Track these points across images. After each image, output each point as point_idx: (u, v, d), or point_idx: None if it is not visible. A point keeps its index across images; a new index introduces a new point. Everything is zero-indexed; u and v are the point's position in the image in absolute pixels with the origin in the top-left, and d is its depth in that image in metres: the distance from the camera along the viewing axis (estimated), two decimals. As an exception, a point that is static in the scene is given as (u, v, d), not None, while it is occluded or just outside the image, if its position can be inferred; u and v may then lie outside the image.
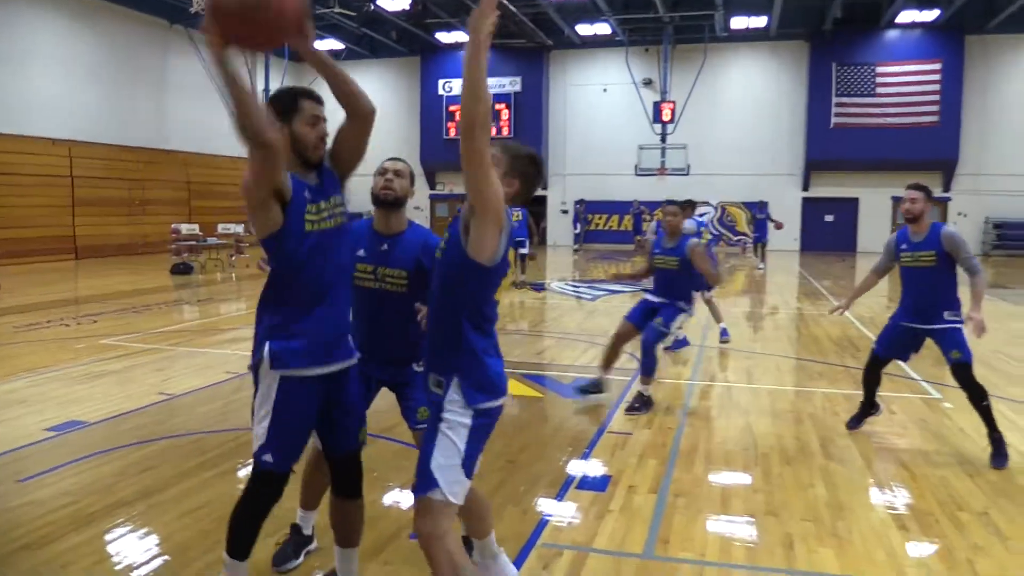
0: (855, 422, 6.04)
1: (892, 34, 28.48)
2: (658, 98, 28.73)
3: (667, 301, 6.81)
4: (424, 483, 2.71)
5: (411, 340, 3.52)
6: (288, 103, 2.92)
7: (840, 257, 27.45)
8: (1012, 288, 18.00)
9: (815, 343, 10.16)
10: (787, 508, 4.47)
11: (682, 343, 9.44)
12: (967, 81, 28.26)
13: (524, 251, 16.29)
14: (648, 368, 6.66)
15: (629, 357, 8.49)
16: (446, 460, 2.71)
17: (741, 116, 30.27)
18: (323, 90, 3.07)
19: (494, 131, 31.68)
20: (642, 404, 6.55)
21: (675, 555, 3.88)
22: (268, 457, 2.93)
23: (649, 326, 6.74)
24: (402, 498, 4.54)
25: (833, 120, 28.89)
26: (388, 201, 3.49)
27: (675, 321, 6.76)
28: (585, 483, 4.88)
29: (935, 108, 28.08)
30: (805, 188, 30.19)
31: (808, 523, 4.25)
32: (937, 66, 28.05)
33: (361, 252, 3.51)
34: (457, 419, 2.73)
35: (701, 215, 11.08)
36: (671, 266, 6.81)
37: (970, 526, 4.25)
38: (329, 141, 3.07)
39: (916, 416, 6.56)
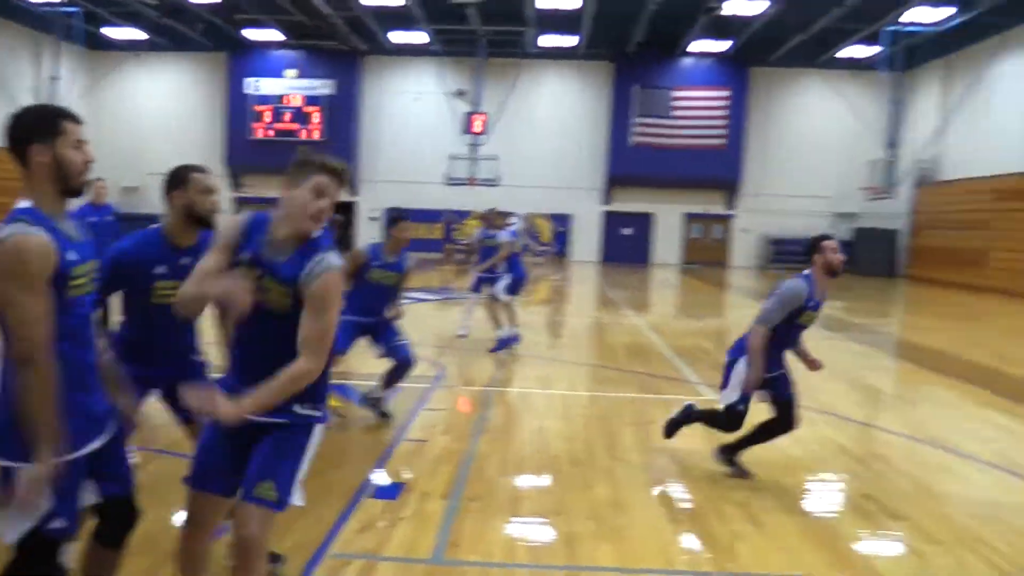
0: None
1: (688, 61, 30.61)
2: (470, 109, 29.24)
3: (380, 319, 6.35)
4: (288, 494, 2.76)
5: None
6: (49, 125, 2.48)
7: (634, 269, 29.05)
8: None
9: (609, 350, 10.71)
10: (572, 508, 4.68)
11: (512, 340, 9.71)
12: (751, 109, 30.90)
13: None
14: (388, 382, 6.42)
15: (431, 364, 8.57)
16: (302, 474, 2.83)
17: (550, 131, 31.39)
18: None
19: (305, 134, 31.05)
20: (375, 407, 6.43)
21: (464, 558, 3.96)
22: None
23: (402, 346, 6.36)
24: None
25: (633, 139, 30.61)
26: (212, 222, 3.44)
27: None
28: (379, 491, 4.88)
29: (723, 132, 30.48)
30: (606, 202, 31.74)
31: (591, 521, 4.47)
32: (726, 93, 30.46)
33: (162, 269, 3.44)
34: (317, 434, 2.87)
35: (511, 225, 11.44)
36: (389, 282, 6.35)
37: (732, 515, 4.64)
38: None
39: (693, 417, 7.06)
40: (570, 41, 28.73)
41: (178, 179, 3.46)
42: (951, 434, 6.82)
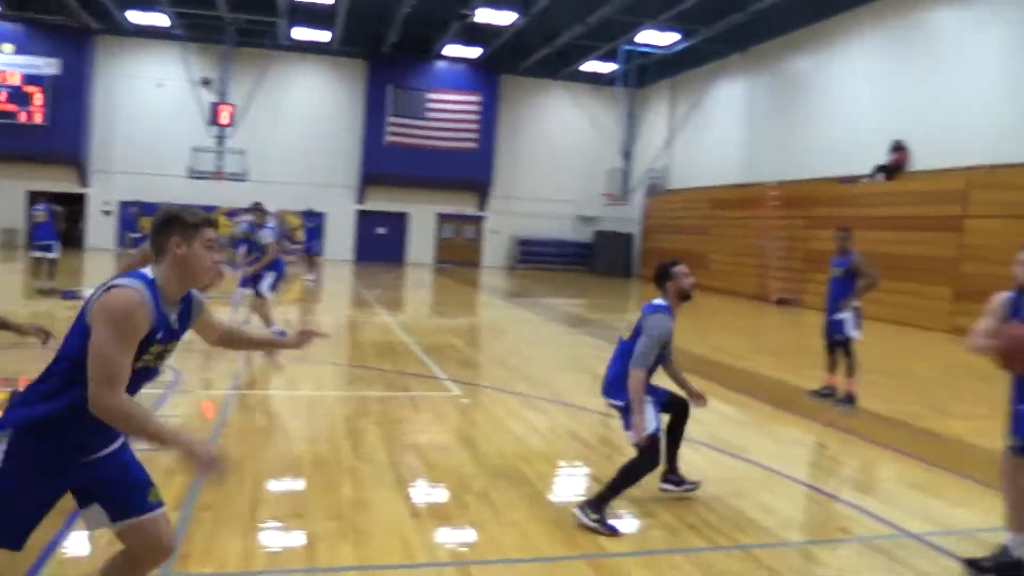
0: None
1: (441, 65, 31.12)
2: (217, 99, 27.74)
3: None
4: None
5: None
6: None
7: (389, 268, 29.11)
8: (531, 297, 20.72)
9: (359, 349, 10.64)
10: (314, 510, 4.60)
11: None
12: (501, 114, 32.05)
13: (52, 255, 14.69)
14: None
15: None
16: None
17: (302, 126, 30.57)
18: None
19: (25, 116, 27.64)
20: None
21: (194, 570, 3.76)
22: None
23: None
24: None
25: (387, 138, 30.62)
26: None
27: None
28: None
29: (475, 136, 31.33)
30: (360, 201, 31.49)
31: (332, 522, 4.41)
32: (477, 98, 31.35)
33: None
34: None
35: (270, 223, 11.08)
36: None
37: (472, 505, 4.79)
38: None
39: (439, 412, 7.21)
40: (323, 36, 28.16)
41: None
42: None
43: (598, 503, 4.52)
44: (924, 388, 10.32)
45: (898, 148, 19.16)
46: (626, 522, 4.71)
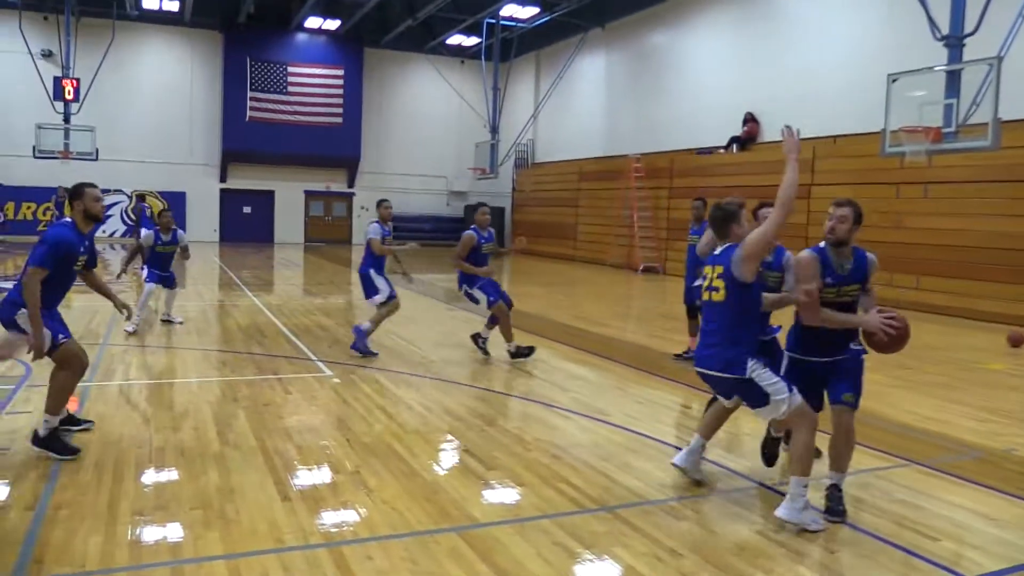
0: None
1: (302, 37, 30.20)
2: (60, 73, 25.89)
3: None
4: None
5: None
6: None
7: (257, 248, 28.24)
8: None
9: (226, 333, 10.32)
10: (178, 500, 4.46)
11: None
12: (366, 88, 31.46)
13: None
14: None
15: (15, 363, 7.58)
16: None
17: (155, 102, 29.05)
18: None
19: None
20: None
21: (49, 573, 3.59)
22: None
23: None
24: None
25: (249, 114, 29.53)
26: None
27: None
28: (-58, 513, 4.22)
29: (339, 110, 30.67)
30: (223, 179, 30.31)
31: (198, 511, 4.30)
32: (340, 72, 30.64)
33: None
34: None
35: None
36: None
37: (344, 485, 4.78)
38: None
39: (310, 393, 7.11)
40: (173, 6, 26.77)
41: None
42: (541, 388, 7.68)
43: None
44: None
45: (750, 120, 20.10)
46: (497, 491, 4.82)
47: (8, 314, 5.13)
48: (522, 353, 8.87)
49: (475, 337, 9.33)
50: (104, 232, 28.52)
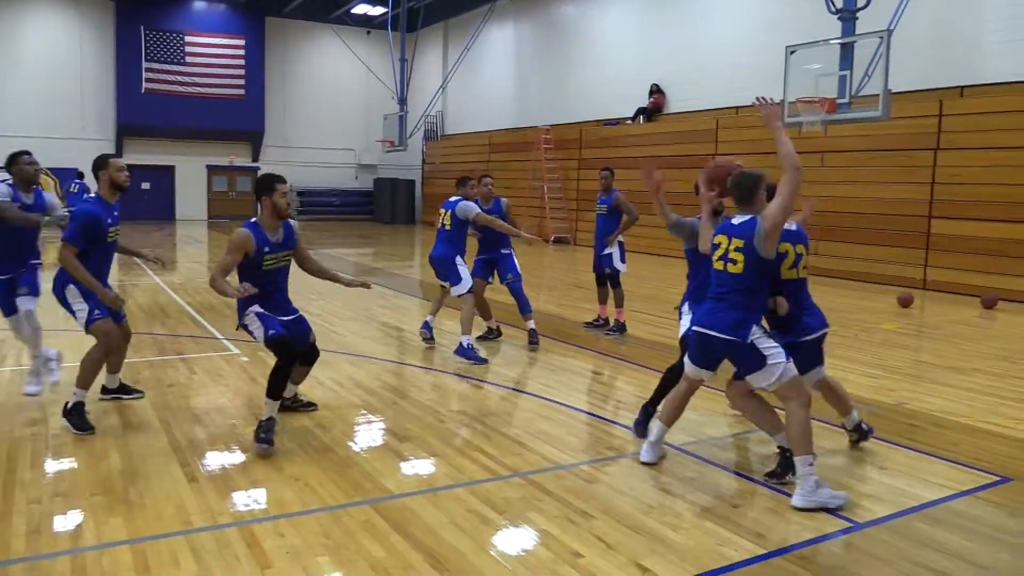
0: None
1: (200, 5, 29.08)
2: (-68, 42, 24.27)
3: None
4: None
5: None
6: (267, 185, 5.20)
7: (159, 225, 27.24)
8: (313, 248, 20.17)
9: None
10: (77, 486, 4.30)
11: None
12: (268, 59, 30.55)
13: None
14: None
15: None
16: None
17: (42, 73, 27.50)
18: None
19: None
20: None
21: (-63, 567, 3.41)
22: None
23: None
24: None
25: (144, 85, 28.32)
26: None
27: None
28: None
29: (241, 82, 29.72)
30: (119, 154, 28.98)
31: (99, 497, 4.15)
32: (241, 42, 29.66)
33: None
34: None
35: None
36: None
37: (253, 463, 4.68)
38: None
39: (216, 373, 6.93)
40: (58, -29, 25.37)
41: None
42: (454, 360, 7.67)
43: None
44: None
45: (656, 91, 20.40)
46: (410, 463, 4.81)
47: (59, 289, 5.40)
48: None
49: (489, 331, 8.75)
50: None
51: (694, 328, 4.59)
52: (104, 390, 5.84)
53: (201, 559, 3.48)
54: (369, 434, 5.42)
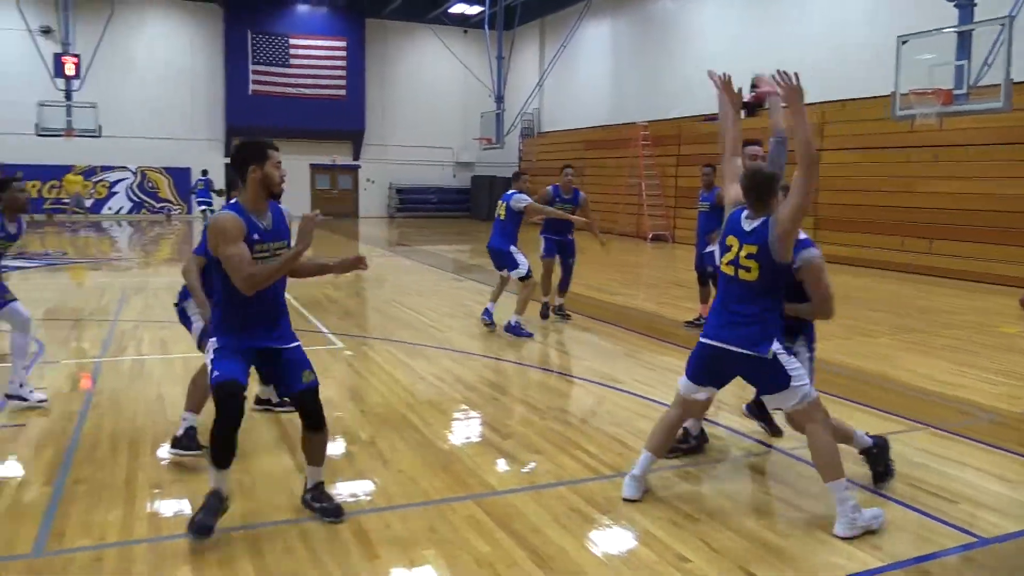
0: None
1: (303, 9, 29.94)
2: (59, 50, 25.72)
3: None
4: None
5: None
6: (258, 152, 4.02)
7: (266, 222, 28.18)
8: (411, 245, 20.58)
9: (235, 307, 10.33)
10: (194, 473, 4.47)
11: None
12: (369, 60, 31.20)
13: None
14: None
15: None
16: None
17: (157, 77, 28.82)
18: None
19: None
20: None
21: (70, 546, 3.61)
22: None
23: None
24: None
25: (251, 88, 29.35)
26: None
27: None
28: (-38, 488, 4.25)
29: (342, 83, 30.45)
30: (228, 154, 30.19)
31: (215, 483, 4.32)
32: (343, 43, 30.38)
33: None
34: None
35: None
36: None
37: (359, 455, 4.80)
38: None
39: (321, 366, 7.09)
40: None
41: None
42: (553, 356, 7.68)
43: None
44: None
45: (757, 85, 19.88)
46: (512, 459, 4.83)
47: (182, 299, 5.23)
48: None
49: (555, 310, 9.61)
50: (110, 210, 28.54)
51: (703, 341, 4.15)
52: (258, 400, 5.60)
53: (312, 547, 3.58)
54: (471, 430, 5.47)
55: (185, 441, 4.71)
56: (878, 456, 4.44)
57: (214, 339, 3.86)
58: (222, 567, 3.41)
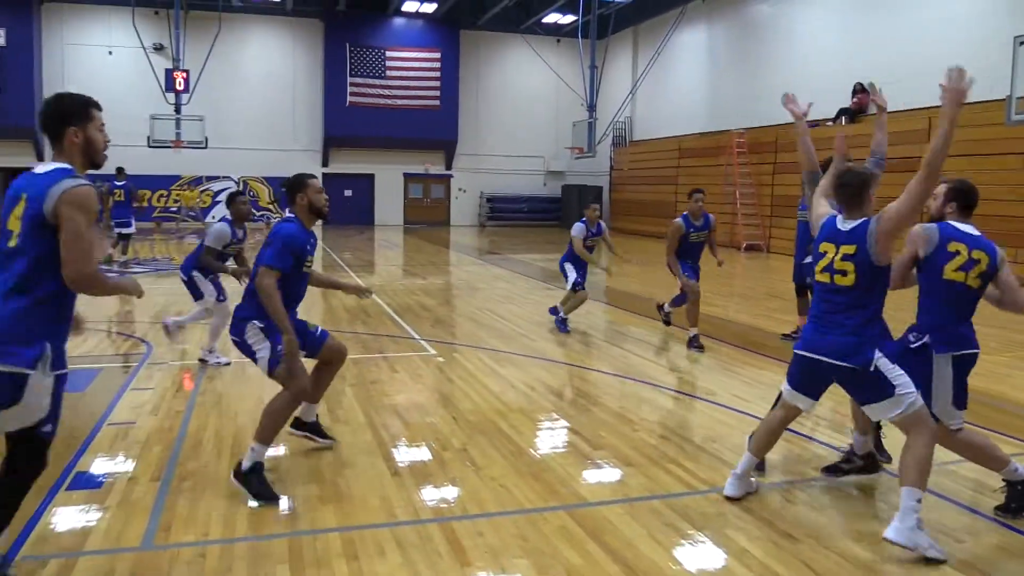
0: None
1: (399, 21, 30.57)
2: (171, 65, 27.00)
3: None
4: None
5: None
6: (80, 110, 3.37)
7: (359, 230, 28.88)
8: (502, 254, 20.69)
9: (331, 313, 10.58)
10: (293, 474, 4.60)
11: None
12: (462, 70, 31.62)
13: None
14: None
15: (138, 342, 7.96)
16: None
17: (260, 90, 29.97)
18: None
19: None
20: None
21: (176, 540, 3.75)
22: None
23: None
24: None
25: (349, 99, 30.14)
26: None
27: None
28: (79, 482, 4.46)
29: (436, 93, 30.94)
30: (325, 164, 31.05)
31: (312, 485, 4.42)
32: (437, 55, 30.89)
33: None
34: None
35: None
36: None
37: (451, 462, 4.82)
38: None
39: (415, 372, 7.21)
40: (276, -4, 27.52)
41: None
42: (644, 367, 7.57)
43: None
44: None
45: (860, 90, 19.23)
46: (604, 471, 4.77)
47: (239, 331, 4.59)
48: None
49: (659, 307, 9.85)
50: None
51: (798, 352, 4.08)
52: (296, 423, 5.00)
53: (405, 552, 3.61)
54: (562, 439, 5.44)
55: (256, 486, 4.23)
56: (1023, 493, 4.12)
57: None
58: (319, 567, 3.47)
